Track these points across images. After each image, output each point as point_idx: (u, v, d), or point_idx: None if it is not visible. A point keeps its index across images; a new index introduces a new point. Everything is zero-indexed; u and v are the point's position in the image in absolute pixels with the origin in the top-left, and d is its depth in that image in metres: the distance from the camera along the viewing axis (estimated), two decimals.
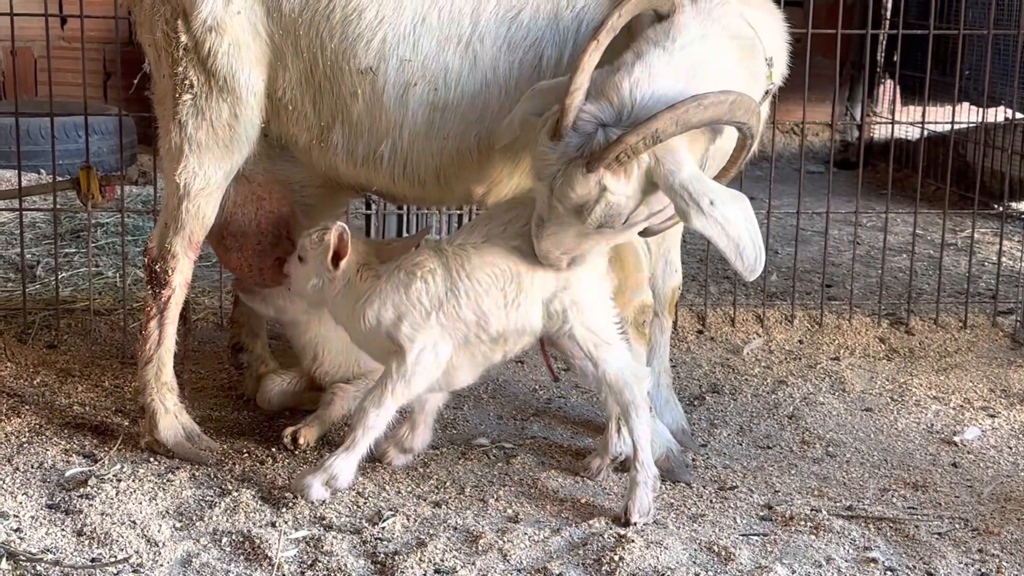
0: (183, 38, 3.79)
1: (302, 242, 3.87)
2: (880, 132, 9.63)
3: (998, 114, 7.78)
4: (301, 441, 4.03)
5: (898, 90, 9.27)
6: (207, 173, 3.90)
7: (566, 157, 3.31)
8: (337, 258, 3.75)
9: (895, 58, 8.99)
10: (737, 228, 3.27)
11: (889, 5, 9.06)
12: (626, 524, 3.52)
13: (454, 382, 3.77)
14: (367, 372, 4.21)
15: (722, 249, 3.27)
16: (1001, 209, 6.94)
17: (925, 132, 6.20)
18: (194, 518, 3.54)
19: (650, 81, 3.32)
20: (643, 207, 3.37)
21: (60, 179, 5.65)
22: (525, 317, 3.62)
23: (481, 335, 3.64)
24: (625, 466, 3.90)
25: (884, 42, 9.52)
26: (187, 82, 3.83)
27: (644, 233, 3.53)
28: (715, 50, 3.44)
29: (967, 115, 7.81)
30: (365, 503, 3.67)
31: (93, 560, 3.31)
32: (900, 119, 8.70)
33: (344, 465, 3.65)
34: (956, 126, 6.57)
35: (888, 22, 8.86)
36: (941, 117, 7.62)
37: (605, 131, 3.28)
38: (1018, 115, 7.41)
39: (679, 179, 3.26)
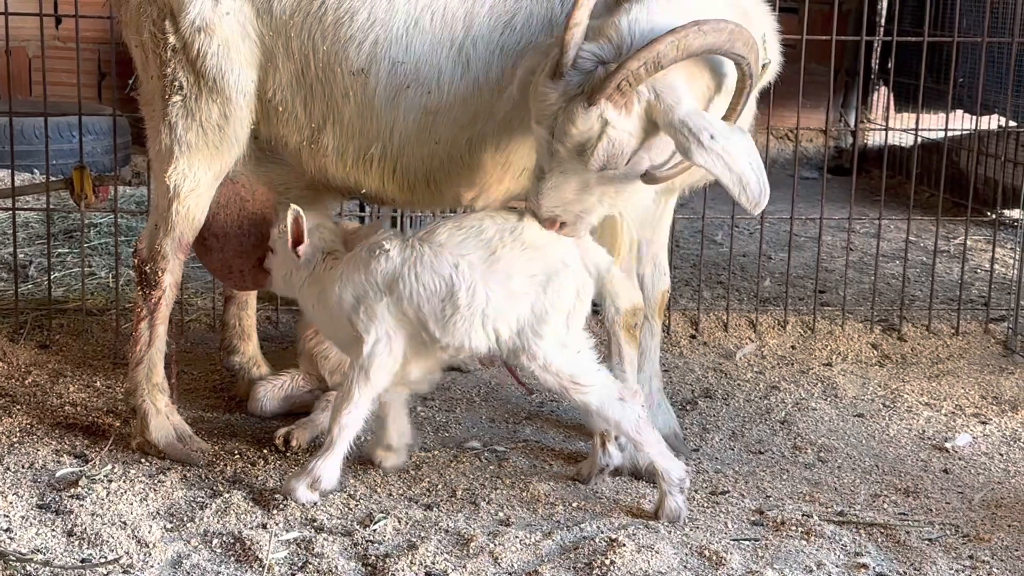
0: (171, 39, 3.79)
1: (272, 233, 3.88)
2: (874, 139, 9.65)
3: (991, 122, 7.79)
4: (293, 443, 4.03)
5: (892, 97, 9.29)
6: (197, 174, 3.90)
7: (567, 95, 3.27)
8: (296, 243, 3.74)
9: (889, 65, 9.04)
10: (739, 161, 3.24)
11: (884, 12, 9.09)
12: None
13: (408, 377, 3.74)
14: None
15: (725, 183, 3.24)
16: (994, 216, 6.96)
17: (919, 139, 6.21)
18: (185, 519, 3.54)
19: (648, 19, 3.31)
20: (644, 152, 3.34)
21: (53, 179, 5.64)
22: (461, 338, 3.54)
23: (424, 335, 3.60)
24: (620, 471, 3.91)
25: (878, 49, 9.54)
26: (176, 83, 3.82)
27: (647, 179, 3.42)
28: (711, 5, 3.40)
29: (960, 122, 7.83)
30: (356, 505, 3.67)
31: (83, 561, 3.30)
32: (894, 126, 8.71)
33: (326, 467, 3.65)
34: (949, 133, 6.60)
35: (883, 29, 8.89)
36: (935, 124, 7.65)
37: (605, 68, 3.26)
38: (1011, 123, 7.43)
39: (678, 114, 3.24)
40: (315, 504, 3.63)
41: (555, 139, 3.33)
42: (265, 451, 4.04)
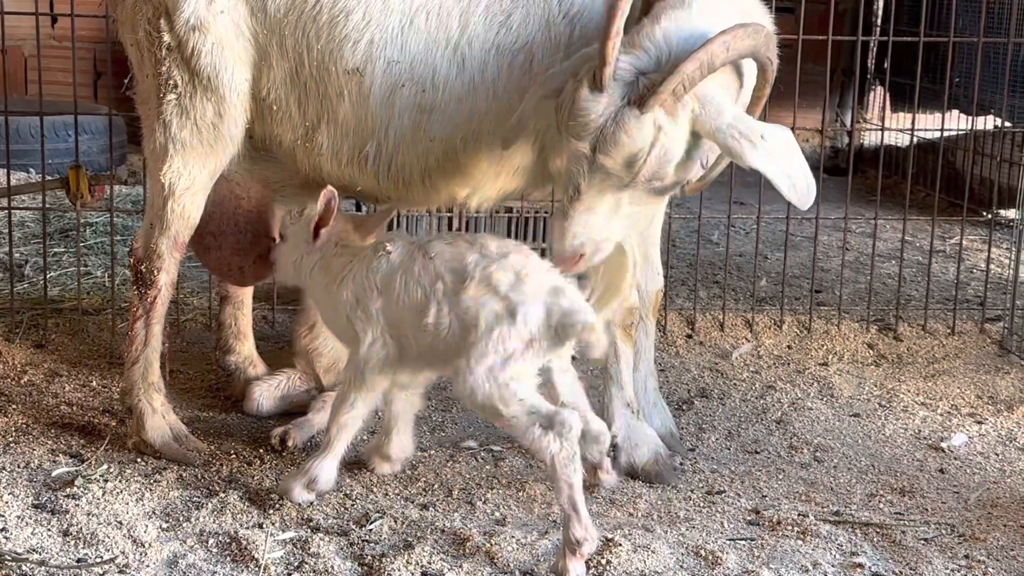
0: (166, 37, 3.79)
1: (283, 220, 3.88)
2: (870, 139, 9.64)
3: (987, 122, 7.80)
4: (290, 443, 4.02)
5: (888, 97, 9.29)
6: (192, 173, 3.90)
7: (612, 107, 3.26)
8: (320, 226, 3.73)
9: (885, 65, 9.04)
10: (790, 160, 3.29)
11: (880, 12, 9.09)
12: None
13: (398, 380, 3.73)
14: None
15: (777, 183, 3.27)
16: (990, 216, 6.96)
17: (915, 139, 6.21)
18: (181, 519, 3.54)
19: (679, 28, 3.33)
20: (683, 166, 3.36)
21: (49, 178, 5.64)
22: (438, 348, 3.48)
23: (412, 343, 3.56)
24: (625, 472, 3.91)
25: (875, 49, 9.54)
26: (171, 82, 3.82)
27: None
28: (726, 17, 3.42)
29: (956, 122, 7.83)
30: (352, 505, 3.67)
31: (79, 560, 3.29)
32: (890, 126, 8.71)
33: (323, 467, 3.64)
34: (945, 133, 6.60)
35: (879, 29, 8.89)
36: (931, 124, 7.64)
37: (647, 77, 3.26)
38: (1007, 123, 7.43)
39: (726, 118, 3.27)
40: (311, 504, 3.63)
41: (600, 152, 3.28)
42: (261, 451, 4.04)
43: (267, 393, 4.33)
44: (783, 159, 3.29)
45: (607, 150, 3.28)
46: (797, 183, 3.30)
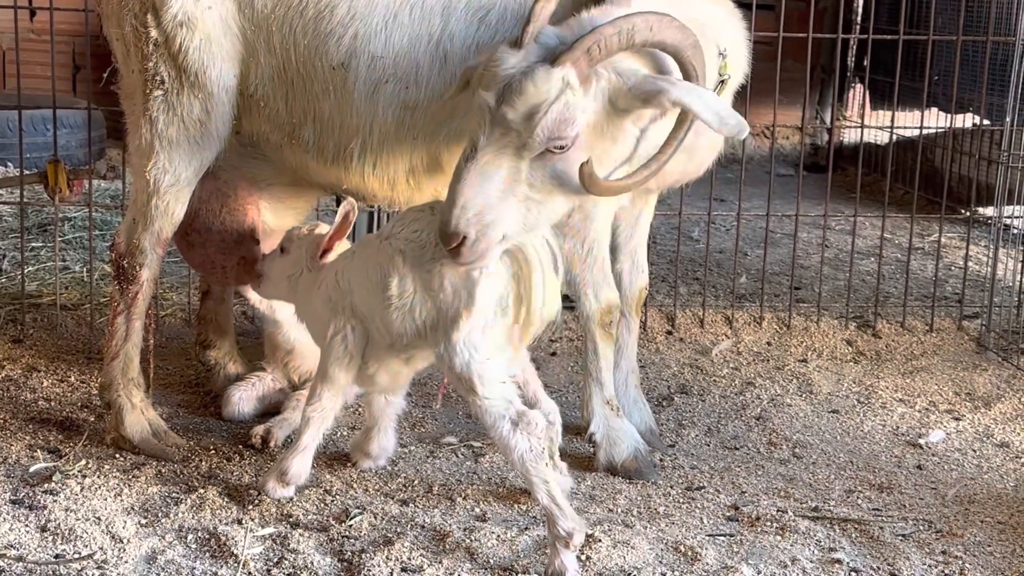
0: (153, 33, 3.77)
1: (288, 233, 3.87)
2: (849, 136, 9.69)
3: (966, 120, 7.84)
4: (271, 442, 4.02)
5: (867, 95, 9.33)
6: (177, 170, 3.88)
7: (526, 61, 3.24)
8: (335, 239, 3.74)
9: (865, 63, 9.07)
10: (710, 96, 3.26)
11: (860, 10, 9.12)
12: None
13: (378, 383, 3.71)
14: None
15: (703, 116, 3.22)
16: (968, 214, 7.00)
17: (894, 137, 6.24)
18: (160, 515, 3.53)
19: (609, 17, 3.28)
20: (596, 137, 3.28)
21: (27, 172, 5.60)
22: (409, 327, 3.44)
23: (383, 334, 3.54)
24: (595, 468, 3.91)
25: (854, 47, 9.58)
26: (158, 78, 3.81)
27: (586, 186, 3.28)
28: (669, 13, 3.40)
29: (935, 120, 7.87)
30: (332, 501, 3.66)
31: (57, 556, 3.28)
32: (869, 123, 8.76)
33: (296, 462, 3.64)
34: (924, 131, 6.62)
35: (858, 27, 8.92)
36: (910, 122, 7.69)
37: (566, 44, 3.24)
38: (985, 121, 7.47)
39: (640, 75, 3.25)
40: (290, 499, 3.63)
41: (505, 103, 3.20)
42: (240, 447, 4.03)
43: (246, 395, 4.31)
44: (706, 95, 3.25)
45: (511, 100, 3.21)
46: (725, 118, 3.23)
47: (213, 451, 4.00)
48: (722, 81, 3.66)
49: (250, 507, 3.58)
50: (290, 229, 3.89)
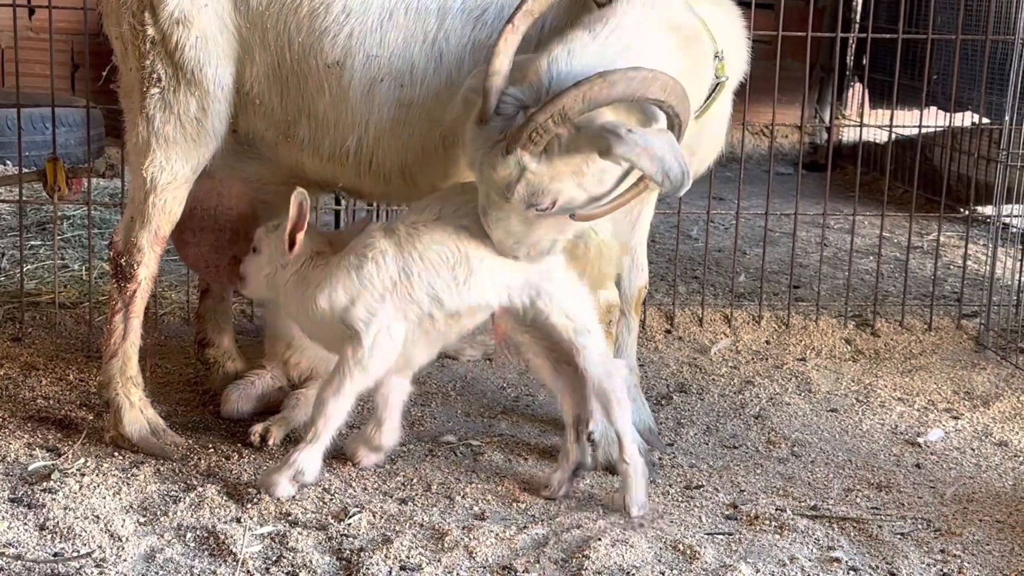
0: (150, 31, 3.77)
1: (258, 233, 3.86)
2: (848, 135, 9.69)
3: (965, 119, 7.84)
4: (271, 440, 4.02)
5: (867, 93, 9.33)
6: (174, 167, 3.88)
7: (490, 142, 3.30)
8: (295, 232, 3.72)
9: (864, 61, 9.08)
10: (660, 149, 3.20)
11: (859, 9, 9.12)
12: (628, 517, 3.59)
13: (412, 361, 3.75)
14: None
15: (647, 171, 3.21)
16: (967, 213, 7.00)
17: (893, 136, 6.24)
18: (158, 513, 3.53)
19: (568, 60, 3.30)
20: (578, 189, 3.33)
21: (26, 171, 5.60)
22: (479, 297, 3.60)
23: (435, 313, 3.62)
24: (595, 467, 3.91)
25: (853, 46, 9.57)
26: (154, 75, 3.81)
27: (576, 218, 3.44)
28: (649, 36, 3.40)
29: (934, 119, 7.87)
30: (331, 500, 3.66)
31: (56, 555, 3.28)
32: (868, 122, 8.76)
33: (309, 458, 3.63)
34: (924, 130, 6.63)
35: (857, 26, 8.92)
36: (909, 121, 7.70)
37: (525, 113, 3.27)
38: (984, 120, 7.48)
39: (598, 122, 3.22)
40: (291, 498, 3.62)
41: (483, 182, 3.37)
42: (239, 445, 4.03)
43: (245, 393, 4.31)
44: (656, 148, 3.18)
45: (483, 179, 3.37)
46: (671, 171, 3.19)
47: (212, 449, 4.00)
48: (719, 83, 3.66)
49: (249, 505, 3.58)
50: (258, 229, 3.88)
